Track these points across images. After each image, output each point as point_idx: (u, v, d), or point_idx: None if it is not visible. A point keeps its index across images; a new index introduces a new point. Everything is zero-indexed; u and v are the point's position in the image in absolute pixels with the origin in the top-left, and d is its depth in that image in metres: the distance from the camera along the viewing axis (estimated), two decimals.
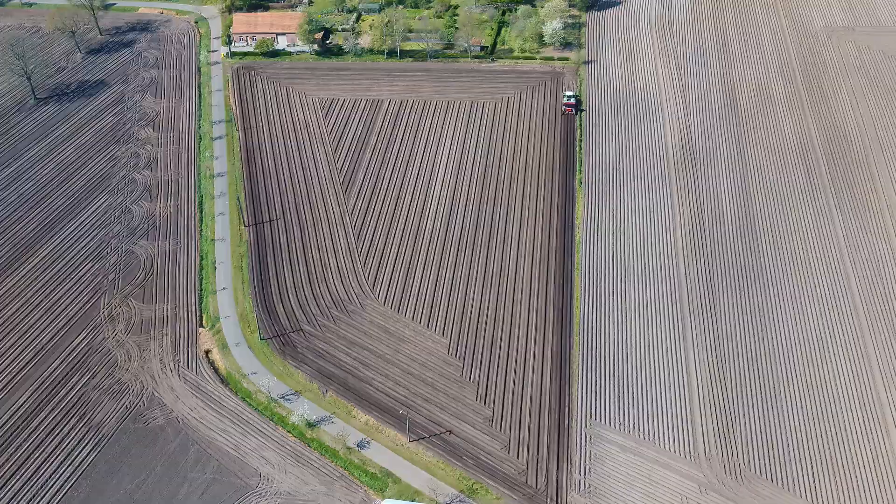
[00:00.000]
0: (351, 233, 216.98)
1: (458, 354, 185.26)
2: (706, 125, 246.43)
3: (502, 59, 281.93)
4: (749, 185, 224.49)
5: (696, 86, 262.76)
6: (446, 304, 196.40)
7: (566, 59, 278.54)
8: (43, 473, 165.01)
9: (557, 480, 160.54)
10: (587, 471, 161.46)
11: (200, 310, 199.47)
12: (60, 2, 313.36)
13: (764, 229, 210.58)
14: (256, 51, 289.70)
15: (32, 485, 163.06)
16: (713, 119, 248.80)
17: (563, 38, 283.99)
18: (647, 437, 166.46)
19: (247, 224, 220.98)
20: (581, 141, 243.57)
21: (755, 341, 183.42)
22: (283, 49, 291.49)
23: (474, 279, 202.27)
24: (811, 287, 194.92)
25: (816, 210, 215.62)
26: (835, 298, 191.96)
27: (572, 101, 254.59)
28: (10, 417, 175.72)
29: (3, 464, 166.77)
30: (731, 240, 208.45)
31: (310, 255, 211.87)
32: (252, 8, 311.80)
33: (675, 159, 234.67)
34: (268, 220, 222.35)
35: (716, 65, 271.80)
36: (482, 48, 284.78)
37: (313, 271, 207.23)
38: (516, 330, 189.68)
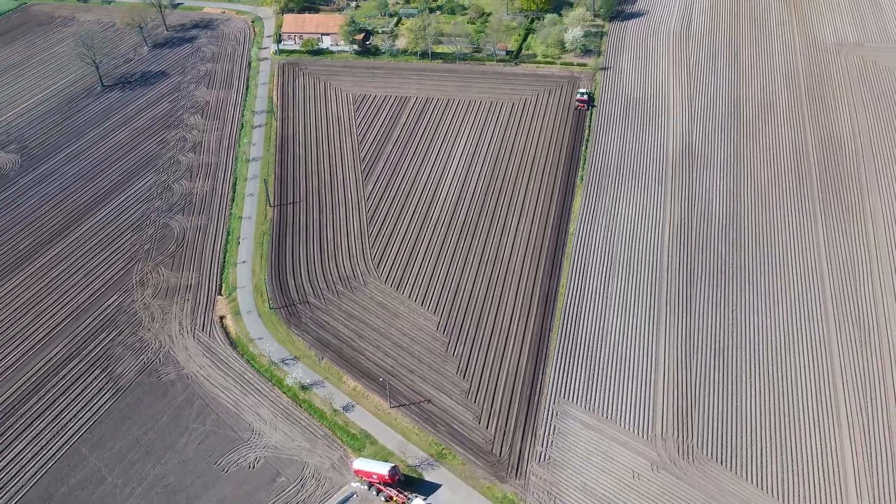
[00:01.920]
0: (364, 216, 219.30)
1: (445, 331, 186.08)
2: (708, 131, 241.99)
3: (525, 63, 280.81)
4: (740, 188, 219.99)
5: (703, 94, 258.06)
6: (441, 285, 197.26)
7: (584, 64, 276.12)
8: (65, 417, 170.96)
9: (520, 451, 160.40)
10: (549, 444, 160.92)
11: (221, 280, 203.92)
12: (134, 0, 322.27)
13: (748, 230, 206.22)
14: (302, 49, 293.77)
15: (54, 426, 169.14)
16: (715, 125, 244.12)
17: (584, 45, 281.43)
18: (609, 416, 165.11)
19: (272, 205, 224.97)
20: (588, 141, 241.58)
21: (724, 334, 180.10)
22: (327, 48, 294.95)
23: (470, 263, 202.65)
24: (785, 287, 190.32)
25: (802, 215, 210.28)
26: (807, 299, 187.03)
27: (585, 97, 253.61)
28: (43, 365, 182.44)
29: (32, 406, 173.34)
30: (716, 238, 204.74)
31: (324, 234, 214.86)
32: (303, 10, 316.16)
33: (673, 161, 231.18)
34: (292, 201, 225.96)
35: (725, 75, 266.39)
36: (507, 52, 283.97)
37: (325, 250, 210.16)
38: (502, 312, 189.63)
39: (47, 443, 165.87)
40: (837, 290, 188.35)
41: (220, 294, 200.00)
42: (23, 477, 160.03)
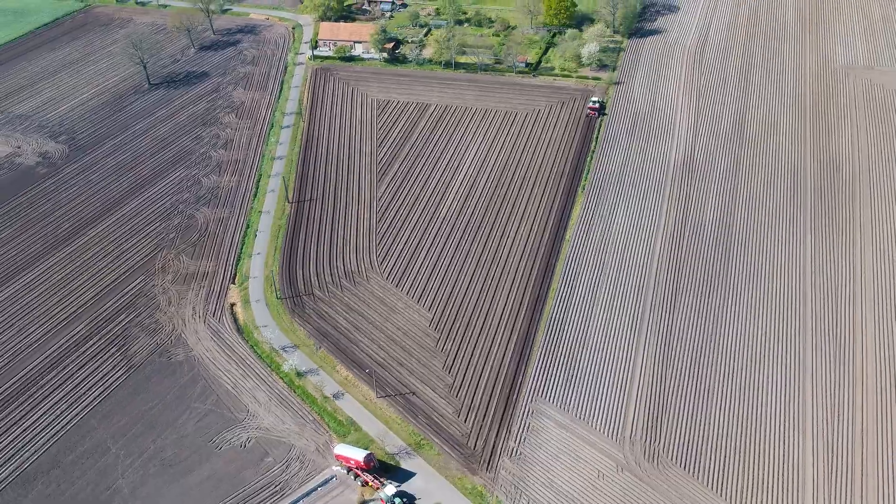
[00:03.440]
0: (374, 216, 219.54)
1: (437, 328, 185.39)
2: (710, 147, 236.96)
3: (543, 75, 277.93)
4: (735, 204, 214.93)
5: (710, 111, 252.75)
6: (438, 284, 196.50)
7: (599, 78, 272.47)
8: (80, 390, 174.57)
9: (494, 445, 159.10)
10: (522, 440, 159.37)
11: (235, 269, 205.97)
12: (186, 5, 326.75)
13: (737, 245, 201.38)
14: (335, 55, 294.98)
15: (70, 398, 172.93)
16: (718, 142, 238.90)
17: (600, 60, 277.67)
18: (582, 417, 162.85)
19: (290, 201, 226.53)
20: (594, 151, 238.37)
21: (701, 344, 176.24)
22: (358, 55, 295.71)
23: (468, 264, 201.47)
24: (767, 302, 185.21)
25: (792, 231, 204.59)
26: (787, 315, 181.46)
27: (596, 105, 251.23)
28: (66, 342, 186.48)
29: (52, 378, 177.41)
30: (705, 251, 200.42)
31: (336, 231, 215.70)
32: (340, 19, 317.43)
33: (673, 175, 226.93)
34: (309, 198, 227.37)
35: (733, 93, 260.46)
36: (527, 65, 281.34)
37: (335, 245, 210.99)
38: (493, 312, 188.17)
39: (61, 413, 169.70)
40: (818, 309, 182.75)
41: (233, 283, 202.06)
42: (36, 443, 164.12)
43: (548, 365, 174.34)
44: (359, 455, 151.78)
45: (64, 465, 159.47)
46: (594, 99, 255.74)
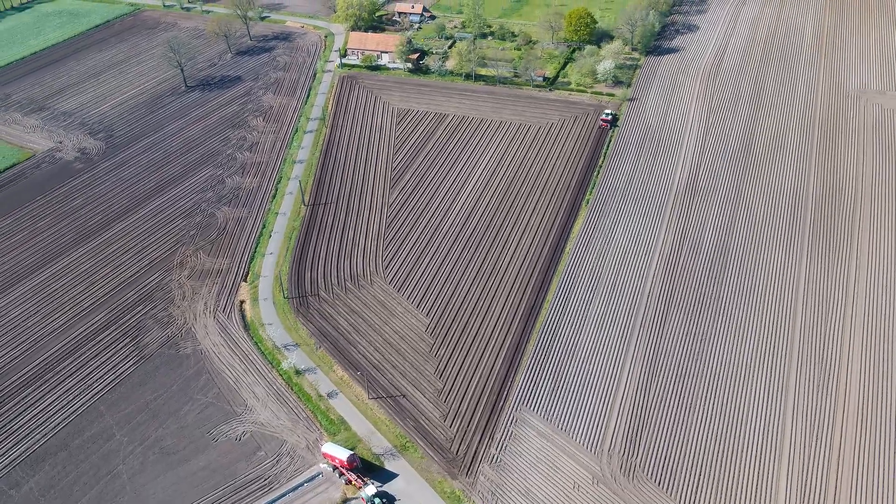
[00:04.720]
0: (383, 221, 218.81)
1: (433, 333, 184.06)
2: (715, 167, 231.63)
3: (559, 89, 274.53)
4: (734, 223, 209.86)
5: (719, 130, 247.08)
6: (438, 291, 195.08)
7: (613, 94, 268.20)
8: (93, 377, 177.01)
9: (475, 451, 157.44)
10: (503, 448, 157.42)
11: (248, 268, 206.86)
12: (227, 11, 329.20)
13: (732, 265, 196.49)
14: (362, 64, 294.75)
15: (82, 384, 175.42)
16: (724, 162, 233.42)
17: (615, 76, 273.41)
18: (563, 428, 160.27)
19: (306, 203, 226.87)
20: (601, 166, 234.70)
21: (688, 363, 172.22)
22: (384, 65, 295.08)
23: (469, 273, 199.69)
24: (757, 323, 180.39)
25: (788, 253, 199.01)
26: (775, 338, 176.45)
27: (609, 117, 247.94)
28: (84, 330, 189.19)
29: (68, 365, 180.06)
30: (700, 270, 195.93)
31: (346, 234, 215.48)
32: (369, 29, 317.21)
33: (676, 193, 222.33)
34: (324, 202, 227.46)
35: (744, 114, 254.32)
36: (545, 79, 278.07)
37: (344, 248, 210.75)
38: (487, 320, 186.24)
39: (73, 398, 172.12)
40: (807, 332, 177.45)
41: (244, 280, 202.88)
42: (48, 426, 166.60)
43: (535, 375, 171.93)
44: (343, 455, 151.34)
45: (71, 449, 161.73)
46: (607, 111, 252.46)
